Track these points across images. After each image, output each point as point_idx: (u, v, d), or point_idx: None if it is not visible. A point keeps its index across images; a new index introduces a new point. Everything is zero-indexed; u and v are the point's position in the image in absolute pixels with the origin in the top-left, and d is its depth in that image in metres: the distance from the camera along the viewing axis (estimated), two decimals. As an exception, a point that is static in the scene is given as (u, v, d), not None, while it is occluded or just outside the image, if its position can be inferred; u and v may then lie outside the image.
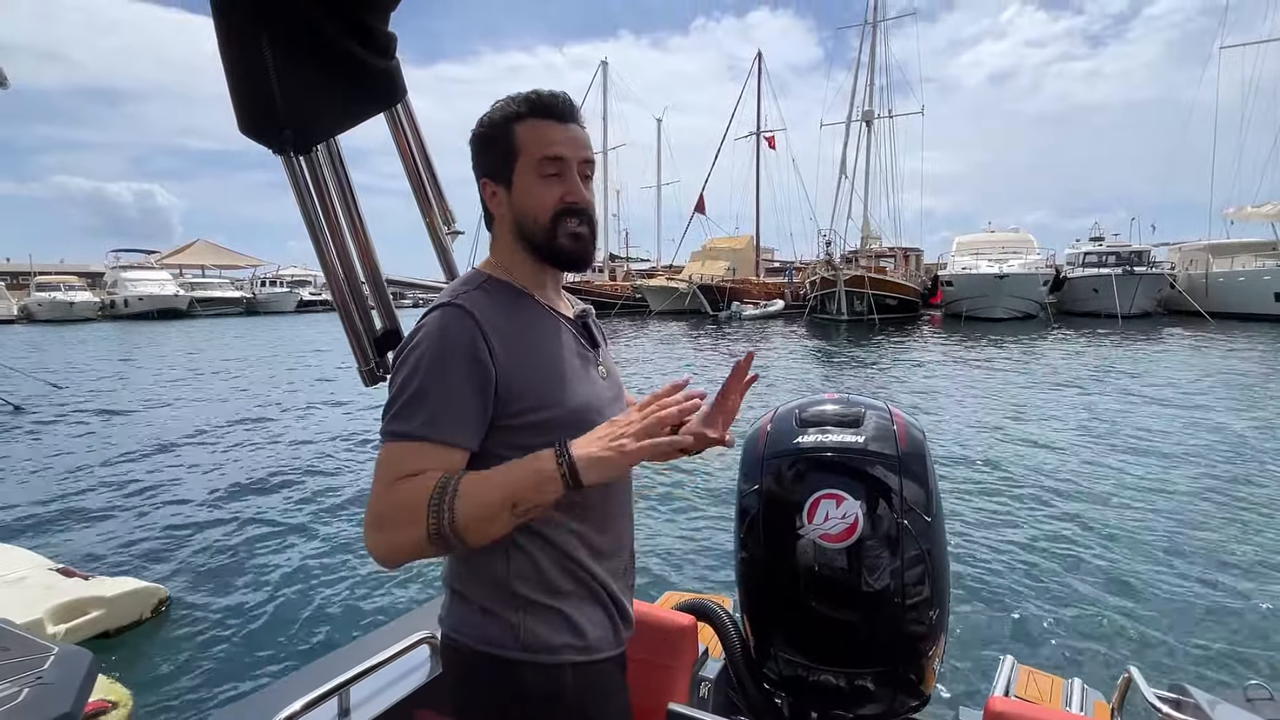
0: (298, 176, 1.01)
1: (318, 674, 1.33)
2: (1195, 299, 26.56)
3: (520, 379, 0.93)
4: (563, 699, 0.96)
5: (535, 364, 0.96)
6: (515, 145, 0.97)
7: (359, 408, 9.87)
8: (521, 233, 1.00)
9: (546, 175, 0.97)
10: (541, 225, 0.98)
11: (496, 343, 0.92)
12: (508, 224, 1.01)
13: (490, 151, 0.99)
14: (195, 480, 6.53)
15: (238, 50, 0.84)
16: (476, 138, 1.00)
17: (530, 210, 0.98)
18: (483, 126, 0.99)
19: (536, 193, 0.98)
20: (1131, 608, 3.72)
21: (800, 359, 16.63)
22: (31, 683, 1.19)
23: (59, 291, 37.36)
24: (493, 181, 1.00)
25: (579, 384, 1.00)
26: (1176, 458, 6.73)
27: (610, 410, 1.05)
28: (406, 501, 0.84)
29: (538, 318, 1.01)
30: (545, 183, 0.97)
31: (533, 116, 0.97)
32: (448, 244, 1.27)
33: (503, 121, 0.98)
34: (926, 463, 1.39)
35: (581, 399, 0.99)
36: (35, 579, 3.57)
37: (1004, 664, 1.70)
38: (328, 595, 4.06)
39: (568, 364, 1.00)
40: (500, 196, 1.00)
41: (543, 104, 0.97)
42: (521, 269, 1.03)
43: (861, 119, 37.75)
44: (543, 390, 0.95)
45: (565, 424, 0.95)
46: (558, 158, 0.97)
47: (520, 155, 0.97)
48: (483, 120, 1.00)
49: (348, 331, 1.13)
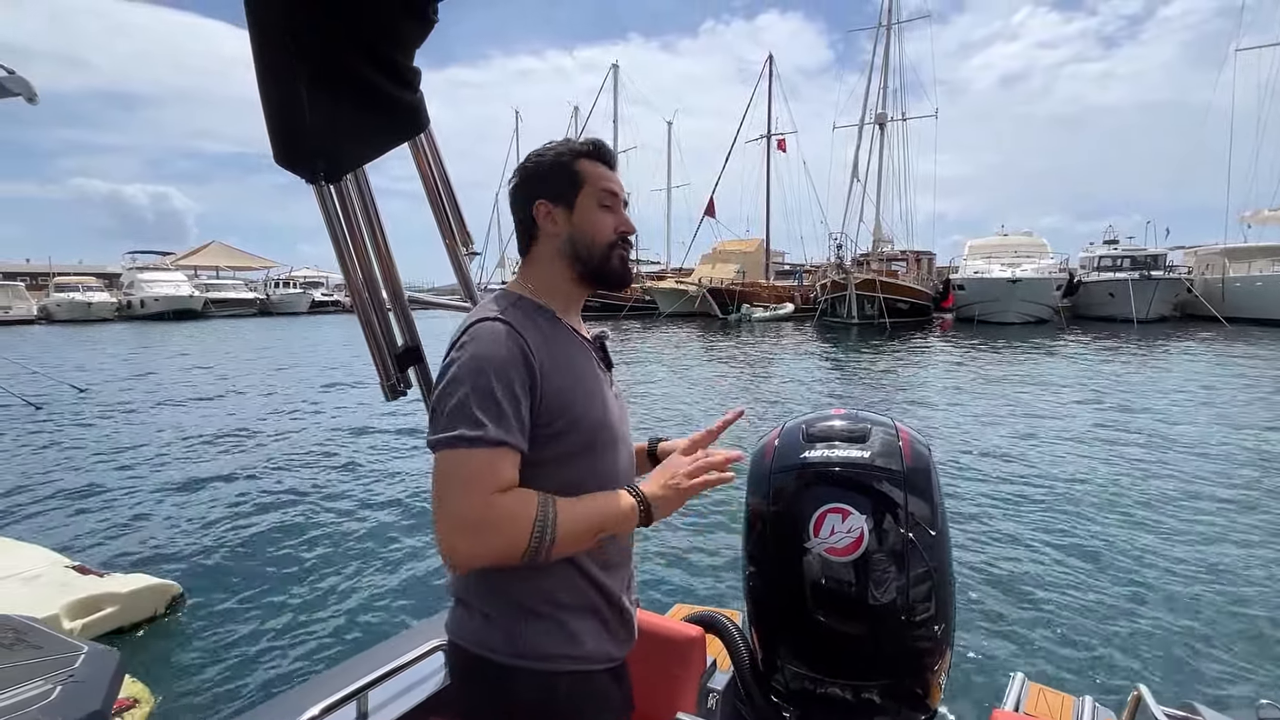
0: (328, 204, 1.06)
1: (335, 679, 1.36)
2: (1211, 303, 26.27)
3: (556, 393, 1.00)
4: (555, 706, 1.00)
5: (563, 379, 1.02)
6: (580, 176, 1.09)
7: (376, 412, 9.95)
8: (575, 252, 1.09)
9: (604, 206, 1.10)
10: (599, 248, 1.10)
11: (537, 356, 0.99)
12: (558, 242, 1.10)
13: (553, 179, 1.09)
14: (210, 479, 6.61)
15: (274, 88, 0.88)
16: (535, 166, 1.10)
17: (589, 232, 1.09)
18: (544, 158, 1.10)
19: (596, 219, 1.10)
20: (1142, 624, 3.69)
21: (810, 363, 16.58)
22: (64, 680, 1.22)
23: (77, 292, 37.91)
24: (551, 203, 1.09)
25: (596, 400, 1.07)
26: (1192, 470, 6.65)
27: (621, 428, 1.13)
28: (511, 515, 0.90)
29: (566, 338, 1.08)
30: (603, 212, 1.10)
31: (592, 158, 1.11)
32: (466, 265, 1.31)
33: (566, 156, 1.10)
34: (932, 478, 1.41)
35: (598, 414, 1.06)
36: (51, 576, 3.62)
37: (1014, 681, 1.71)
38: (339, 595, 4.11)
39: (588, 381, 1.07)
40: (558, 216, 1.09)
41: (601, 150, 1.12)
42: (556, 288, 1.11)
43: (874, 121, 37.59)
44: (567, 404, 1.01)
45: (586, 438, 1.03)
46: (614, 192, 1.11)
47: (585, 185, 1.09)
48: (544, 153, 1.10)
49: (371, 348, 1.17)
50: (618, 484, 1.07)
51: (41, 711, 1.16)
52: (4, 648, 1.42)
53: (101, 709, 1.22)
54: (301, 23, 0.81)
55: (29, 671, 1.28)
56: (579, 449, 1.02)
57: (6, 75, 3.43)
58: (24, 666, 1.31)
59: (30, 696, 1.19)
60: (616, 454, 1.10)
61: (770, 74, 41.89)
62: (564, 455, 1.01)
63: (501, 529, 0.89)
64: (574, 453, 1.02)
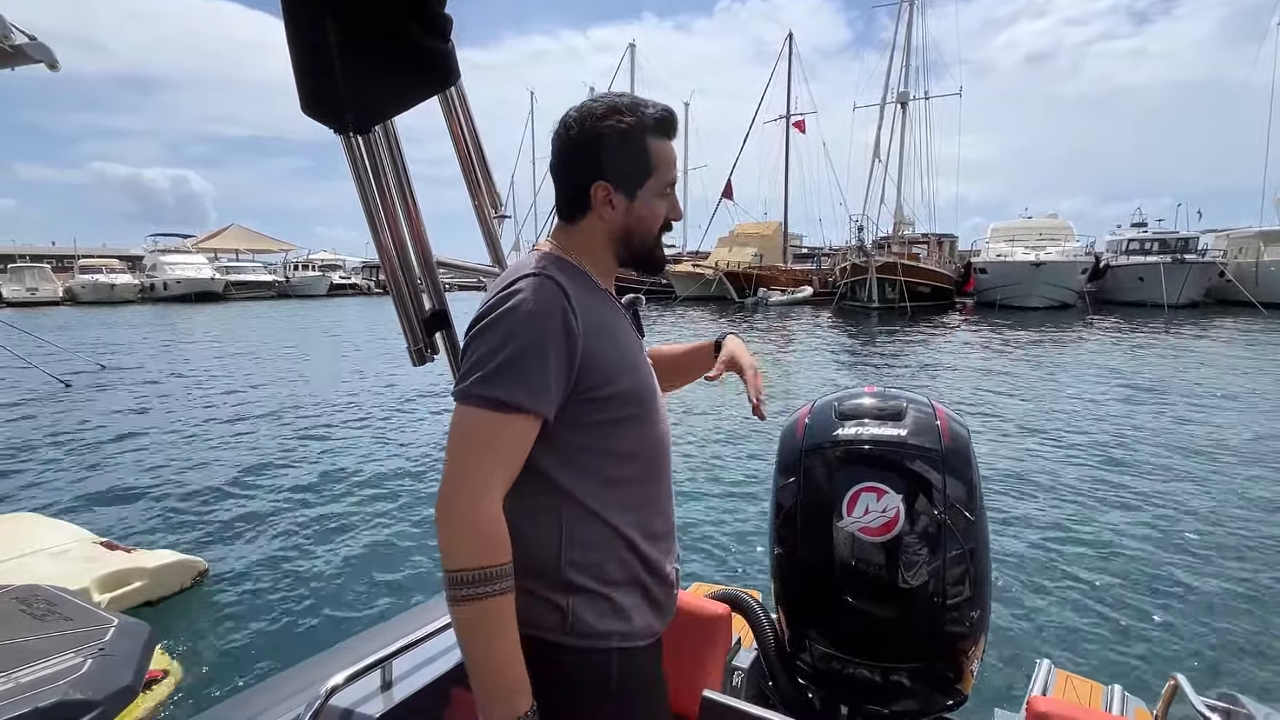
0: (356, 157, 1.03)
1: (360, 647, 1.36)
2: (1246, 288, 25.59)
3: (598, 354, 0.95)
4: (607, 685, 0.97)
5: (608, 343, 0.98)
6: (650, 162, 1.00)
7: (398, 385, 10.04)
8: (627, 239, 1.03)
9: (664, 194, 1.03)
10: (652, 238, 1.04)
11: (581, 317, 0.93)
12: (611, 227, 1.02)
13: (620, 157, 0.98)
14: (234, 456, 6.72)
15: (303, 33, 0.84)
16: (604, 138, 0.96)
17: (645, 223, 1.03)
18: (615, 129, 0.96)
19: (655, 209, 1.03)
20: (1177, 612, 3.62)
21: (831, 348, 16.45)
22: (94, 654, 1.22)
23: (100, 274, 38.60)
24: (614, 188, 0.99)
25: (640, 367, 1.04)
26: (1228, 454, 6.51)
27: (658, 396, 1.09)
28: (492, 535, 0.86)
29: (604, 300, 1.03)
30: (662, 200, 1.03)
31: (662, 134, 1.00)
32: (495, 227, 1.28)
33: (639, 131, 0.98)
34: (971, 459, 1.36)
35: (644, 379, 1.03)
36: (79, 551, 3.69)
37: (1040, 668, 1.67)
38: (362, 569, 4.16)
39: (631, 347, 1.04)
40: (617, 203, 1.00)
41: (672, 123, 1.01)
42: (597, 261, 1.05)
43: (896, 101, 36.88)
44: (616, 366, 0.97)
45: (629, 400, 0.99)
46: (674, 181, 1.04)
47: (653, 174, 1.00)
48: (612, 121, 0.96)
49: (399, 311, 1.14)
50: (660, 454, 1.05)
51: (71, 685, 1.15)
52: (35, 618, 1.43)
53: (132, 683, 1.21)
54: None
55: (60, 643, 1.29)
56: (626, 416, 0.99)
57: (29, 42, 3.45)
58: (55, 638, 1.31)
59: (61, 669, 1.19)
60: (658, 423, 1.06)
61: (790, 53, 41.18)
62: (611, 421, 0.98)
63: (488, 532, 0.86)
64: (621, 419, 0.99)
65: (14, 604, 1.49)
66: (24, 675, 1.19)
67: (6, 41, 3.37)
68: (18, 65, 3.59)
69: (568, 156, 1.00)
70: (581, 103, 1.00)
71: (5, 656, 1.24)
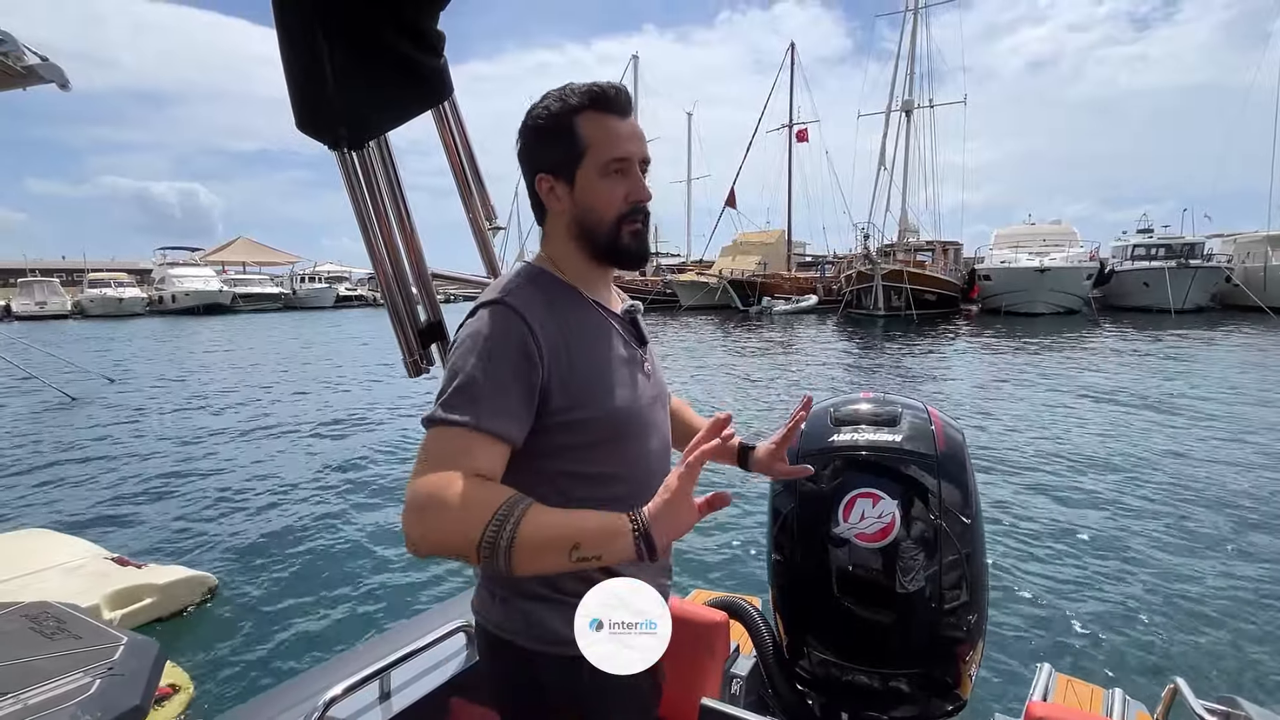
0: (350, 172, 1.04)
1: (358, 659, 1.37)
2: (1254, 293, 25.40)
3: (565, 378, 0.91)
4: (578, 691, 0.95)
5: (581, 364, 0.93)
6: (580, 141, 0.93)
7: (401, 399, 10.07)
8: (582, 231, 0.97)
9: (611, 174, 0.94)
10: (606, 224, 0.96)
11: (544, 341, 0.90)
12: (565, 220, 0.98)
13: (550, 146, 0.95)
14: (242, 470, 6.74)
15: (297, 51, 0.86)
16: (532, 130, 0.95)
17: (595, 209, 0.95)
18: (540, 119, 0.94)
19: (602, 191, 0.95)
20: (1177, 615, 3.60)
21: (839, 356, 16.41)
22: (103, 674, 1.22)
23: (109, 288, 38.95)
24: (551, 177, 0.96)
25: (621, 386, 0.98)
26: (1230, 460, 6.46)
27: (649, 412, 1.03)
28: (469, 500, 0.79)
29: (586, 316, 0.98)
30: (611, 181, 0.95)
31: (595, 110, 0.93)
32: (489, 239, 1.29)
33: (564, 114, 0.93)
34: (965, 464, 1.37)
35: (623, 401, 0.97)
36: (91, 567, 3.69)
37: (1041, 672, 1.67)
38: (369, 582, 4.17)
39: (613, 364, 0.98)
40: (560, 192, 0.96)
41: (605, 97, 0.94)
42: (574, 265, 1.00)
43: (901, 109, 36.95)
44: (585, 390, 0.93)
45: (606, 423, 0.95)
46: (623, 157, 0.94)
47: (587, 153, 0.93)
48: (539, 111, 0.94)
49: (394, 323, 1.16)
50: (649, 473, 0.99)
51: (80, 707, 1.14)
52: (45, 636, 1.43)
53: (140, 704, 1.20)
54: None
55: (69, 663, 1.28)
56: (604, 438, 0.95)
57: (41, 63, 3.51)
58: (64, 657, 1.31)
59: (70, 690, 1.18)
60: (646, 441, 1.02)
61: (792, 63, 41.39)
62: (588, 445, 0.94)
63: (454, 511, 0.78)
64: (599, 442, 0.95)
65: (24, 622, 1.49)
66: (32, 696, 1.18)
67: (19, 63, 3.43)
68: (30, 86, 3.65)
69: (519, 160, 0.98)
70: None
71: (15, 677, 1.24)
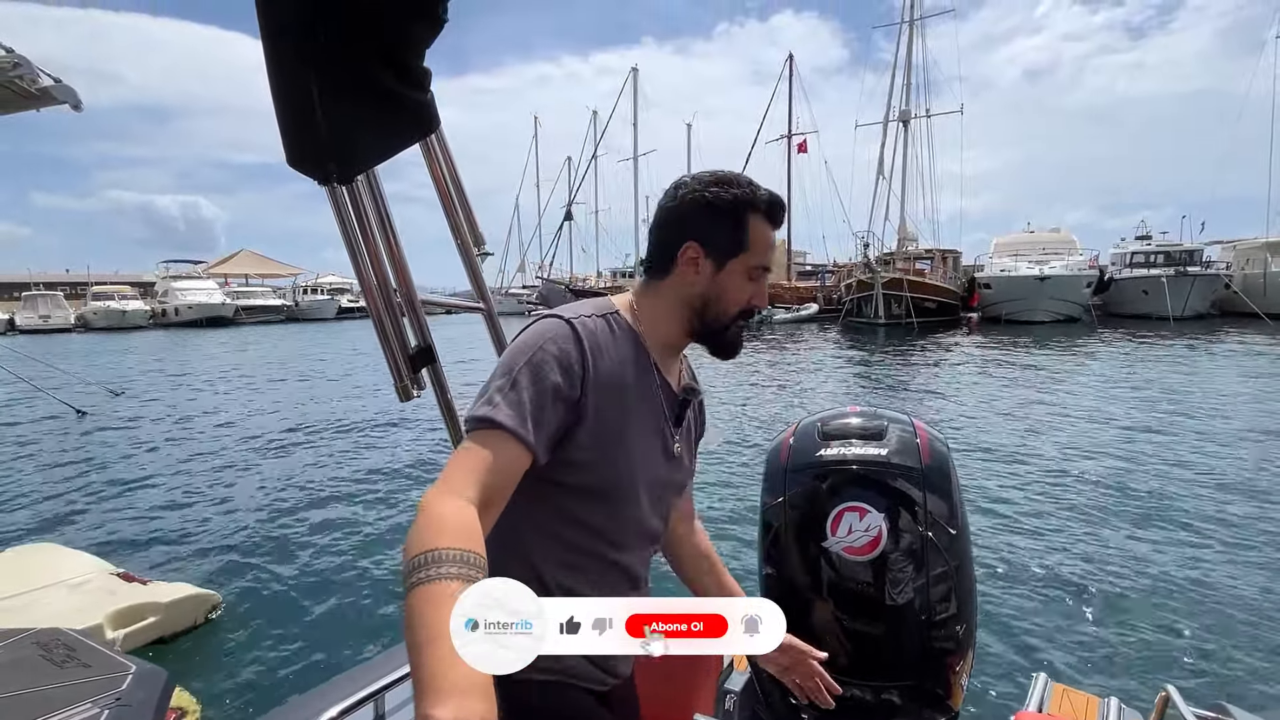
0: (341, 206, 1.07)
1: (354, 681, 1.36)
2: (1253, 300, 25.42)
3: (593, 421, 0.92)
4: (529, 714, 0.94)
5: (613, 417, 0.94)
6: (745, 239, 1.00)
7: (406, 417, 10.08)
8: (703, 308, 1.02)
9: (752, 278, 1.02)
10: (726, 316, 1.02)
11: (593, 377, 0.91)
12: (692, 291, 1.01)
13: (717, 227, 0.99)
14: (246, 486, 6.75)
15: (286, 89, 0.89)
16: (707, 205, 0.99)
17: (725, 298, 1.01)
18: (720, 201, 0.98)
19: (738, 288, 1.01)
20: (1170, 623, 3.60)
21: (839, 366, 16.41)
22: (111, 704, 1.22)
23: (112, 301, 39.14)
24: (704, 252, 0.99)
25: (637, 454, 0.98)
26: (1224, 471, 6.45)
27: (652, 491, 1.03)
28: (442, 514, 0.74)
29: (640, 376, 0.99)
30: (747, 282, 1.01)
31: (765, 216, 1.01)
32: (478, 265, 1.33)
33: (742, 207, 0.99)
34: (951, 476, 1.39)
35: (629, 472, 0.97)
36: (97, 583, 3.68)
37: (1037, 681, 1.68)
38: (372, 600, 4.16)
39: (641, 432, 0.99)
40: (703, 268, 1.00)
41: (777, 209, 1.02)
42: (665, 328, 1.03)
43: (898, 119, 37.14)
44: (603, 441, 0.94)
45: (604, 483, 0.96)
46: (767, 267, 1.03)
47: (746, 250, 1.00)
48: (720, 191, 0.98)
49: (385, 349, 1.18)
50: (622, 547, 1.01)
51: None
52: (55, 665, 1.43)
53: None
54: (313, 23, 0.83)
55: (78, 692, 1.28)
56: (595, 490, 0.96)
57: (54, 84, 3.53)
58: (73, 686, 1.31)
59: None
60: (634, 518, 1.02)
61: (791, 74, 41.64)
62: (581, 489, 0.95)
63: (424, 517, 0.72)
64: (591, 490, 0.96)
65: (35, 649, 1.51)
66: None
67: (34, 85, 3.44)
68: (43, 107, 3.66)
69: (668, 214, 1.02)
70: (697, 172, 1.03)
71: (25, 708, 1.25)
